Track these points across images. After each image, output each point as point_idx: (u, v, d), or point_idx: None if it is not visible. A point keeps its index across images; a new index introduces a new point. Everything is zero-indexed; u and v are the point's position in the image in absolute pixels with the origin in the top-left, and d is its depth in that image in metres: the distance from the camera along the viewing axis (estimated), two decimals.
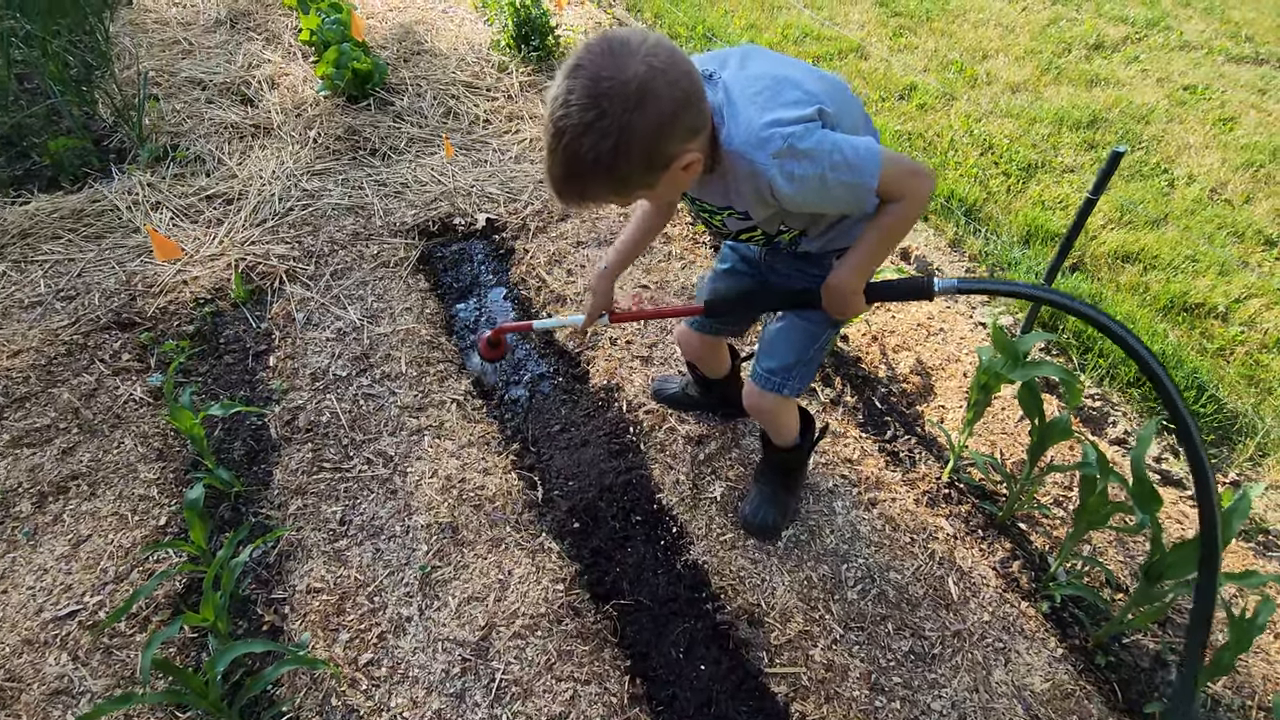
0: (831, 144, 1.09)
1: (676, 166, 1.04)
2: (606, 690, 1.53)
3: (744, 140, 1.09)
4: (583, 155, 0.97)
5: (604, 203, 1.13)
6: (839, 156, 1.09)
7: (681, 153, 1.04)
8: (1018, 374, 1.60)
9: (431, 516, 1.84)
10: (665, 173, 1.05)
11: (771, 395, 1.57)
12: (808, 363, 1.54)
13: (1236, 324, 2.51)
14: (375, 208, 2.88)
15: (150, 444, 2.00)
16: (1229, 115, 3.73)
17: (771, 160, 1.08)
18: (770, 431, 1.74)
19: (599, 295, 1.60)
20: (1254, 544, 1.88)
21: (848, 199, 1.16)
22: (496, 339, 1.72)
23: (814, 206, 1.19)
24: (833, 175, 1.10)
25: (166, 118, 3.26)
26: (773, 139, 1.07)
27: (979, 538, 1.86)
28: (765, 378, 1.56)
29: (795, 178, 1.10)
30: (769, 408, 1.61)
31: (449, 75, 3.71)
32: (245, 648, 1.24)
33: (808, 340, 1.52)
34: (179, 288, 2.49)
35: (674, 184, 1.10)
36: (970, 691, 1.56)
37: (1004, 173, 3.26)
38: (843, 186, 1.12)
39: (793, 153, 1.08)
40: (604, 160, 0.98)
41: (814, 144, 1.08)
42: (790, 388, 1.55)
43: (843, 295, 1.29)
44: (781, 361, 1.54)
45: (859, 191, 1.13)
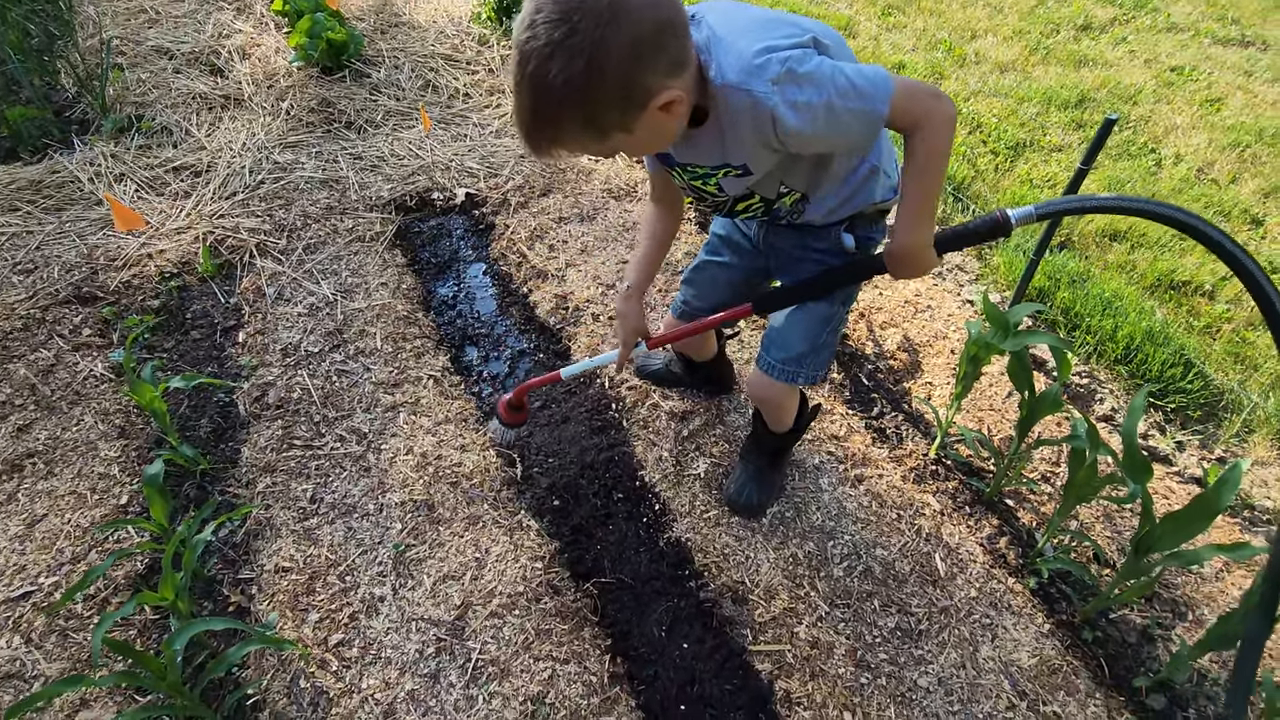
0: (832, 67, 1.00)
1: (655, 105, 0.95)
2: (586, 669, 1.49)
3: (738, 71, 0.99)
4: (551, 80, 0.88)
5: (578, 148, 1.01)
6: (843, 80, 1.00)
7: (661, 88, 0.94)
8: (1009, 344, 1.57)
9: (406, 494, 1.78)
10: (643, 113, 0.95)
11: (784, 386, 1.47)
12: (822, 348, 1.44)
13: (1223, 301, 2.50)
14: (350, 181, 2.79)
15: (111, 421, 1.92)
16: (1215, 96, 3.72)
17: (772, 88, 0.98)
18: (770, 419, 1.66)
19: (629, 320, 1.48)
20: (1240, 519, 1.87)
21: (860, 130, 1.04)
22: (519, 401, 1.60)
23: (824, 143, 1.08)
24: (841, 102, 0.99)
25: (131, 88, 3.14)
26: (769, 64, 0.98)
27: (966, 514, 1.83)
28: (779, 368, 1.45)
29: (800, 106, 0.99)
30: (777, 398, 1.53)
31: (428, 48, 3.60)
32: (203, 625, 1.18)
33: (820, 324, 1.41)
34: (143, 261, 2.39)
35: (656, 130, 1.00)
36: (957, 668, 1.53)
37: (992, 151, 3.23)
38: (852, 115, 1.01)
39: (793, 77, 0.98)
40: (575, 83, 0.88)
41: (814, 67, 0.99)
42: (805, 376, 1.45)
43: (912, 255, 1.16)
44: (795, 350, 1.43)
45: (870, 120, 1.02)
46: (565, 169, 2.96)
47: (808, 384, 1.47)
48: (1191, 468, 1.99)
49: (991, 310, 1.64)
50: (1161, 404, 2.16)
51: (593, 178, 2.91)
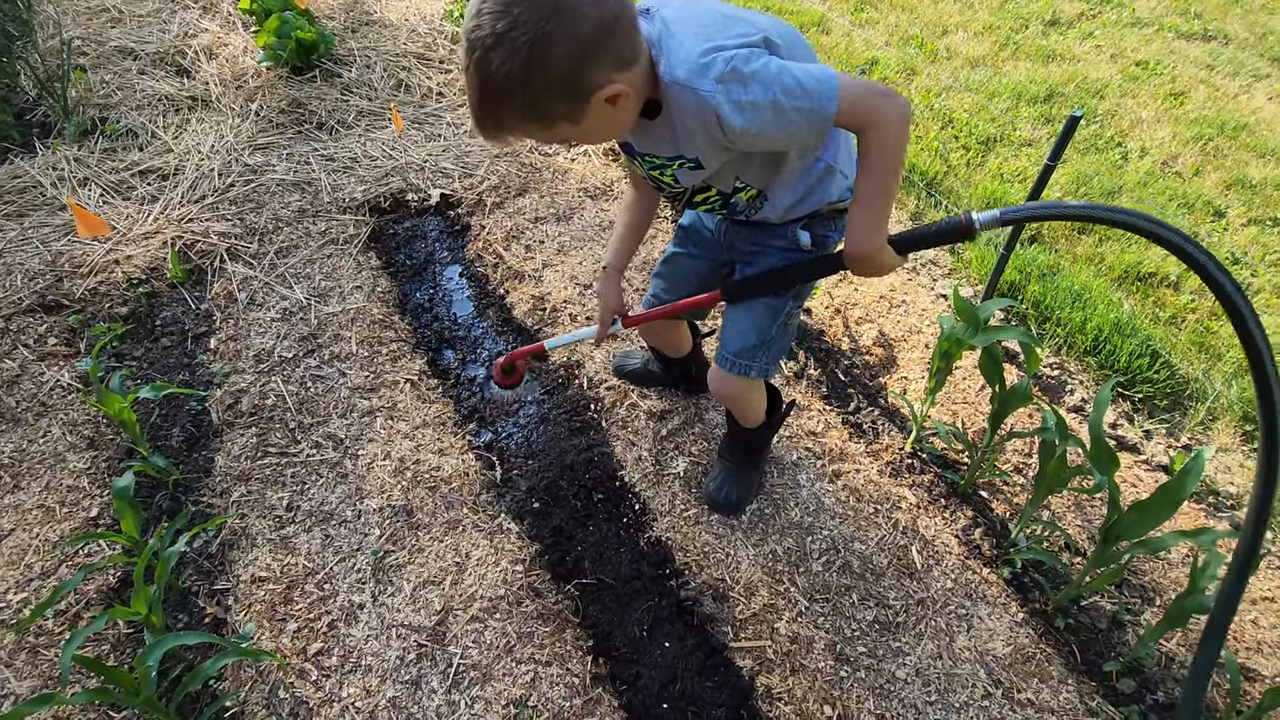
0: (779, 67, 1.01)
1: (600, 98, 0.96)
2: (568, 671, 1.49)
3: (685, 68, 1.00)
4: (494, 72, 0.90)
5: (524, 135, 1.03)
6: (790, 79, 1.00)
7: (605, 82, 0.95)
8: (979, 339, 1.59)
9: (384, 500, 1.77)
10: (587, 105, 0.96)
11: (737, 379, 1.49)
12: (772, 341, 1.46)
13: (1187, 292, 2.56)
14: (323, 183, 2.76)
15: (80, 432, 1.88)
16: (1179, 90, 3.80)
17: (717, 87, 0.99)
18: (737, 414, 1.68)
19: (607, 298, 1.49)
20: (1205, 505, 1.92)
21: (807, 129, 1.05)
22: (510, 365, 1.68)
23: (771, 141, 1.08)
24: (787, 101, 1.01)
25: (94, 89, 3.06)
26: (714, 63, 0.99)
27: (941, 506, 1.86)
28: (732, 361, 1.48)
29: (745, 105, 1.00)
30: (734, 393, 1.55)
31: (400, 46, 3.56)
32: (177, 640, 1.16)
33: (769, 317, 1.43)
34: (110, 268, 2.34)
35: (603, 122, 1.01)
36: (934, 658, 1.55)
37: (964, 146, 3.27)
38: (799, 113, 1.01)
39: (738, 76, 0.99)
40: (516, 76, 0.90)
41: (760, 67, 1.00)
42: (758, 369, 1.47)
43: (868, 257, 1.16)
44: (745, 343, 1.45)
45: (817, 119, 1.03)
46: (541, 169, 2.95)
47: (761, 377, 1.48)
48: (1159, 456, 2.04)
49: (962, 306, 1.66)
50: (1129, 394, 2.20)
51: (569, 177, 2.91)
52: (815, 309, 2.42)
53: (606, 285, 1.51)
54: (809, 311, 2.41)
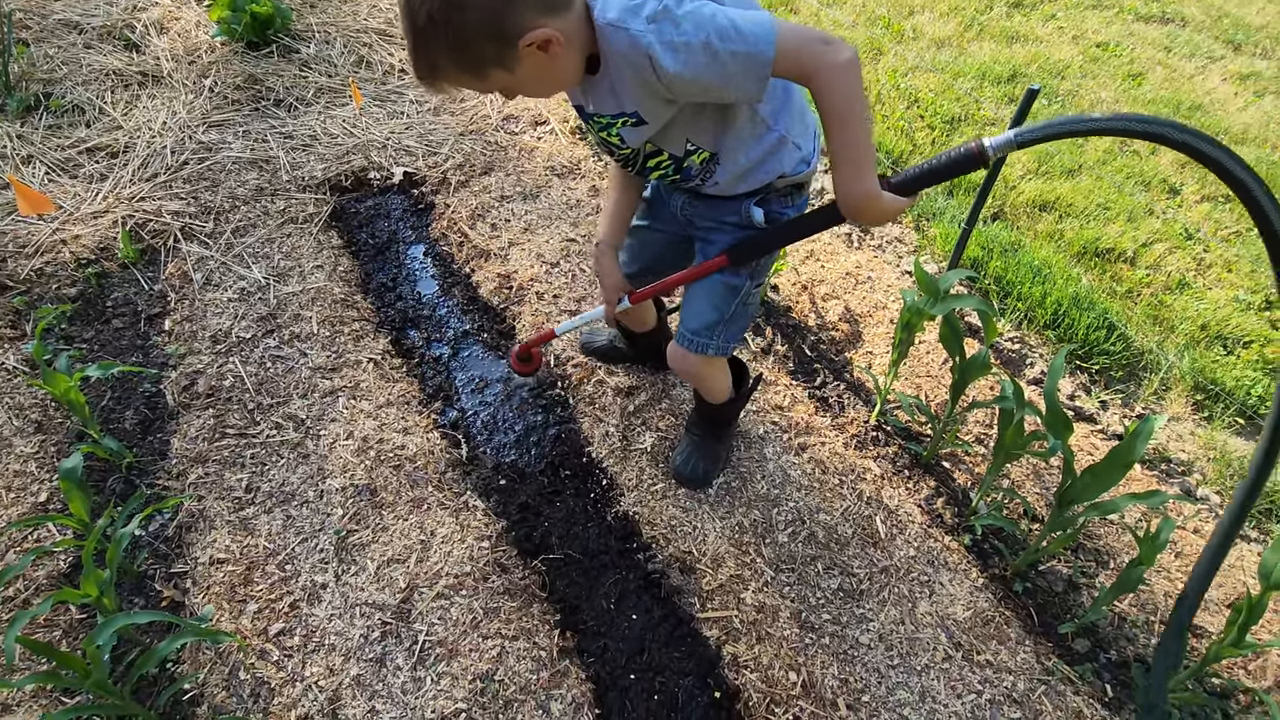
0: (713, 9, 0.99)
1: (526, 43, 0.95)
2: (535, 645, 1.49)
3: (617, 10, 0.99)
4: (418, 13, 0.91)
5: (460, 84, 1.02)
6: (724, 20, 0.98)
7: (532, 25, 0.94)
8: (938, 308, 1.61)
9: (347, 479, 1.74)
10: (517, 51, 0.96)
11: (696, 357, 1.49)
12: (731, 319, 1.45)
13: (1143, 267, 2.62)
14: (281, 161, 2.69)
15: (27, 416, 1.82)
16: (1137, 71, 3.87)
17: (648, 26, 0.97)
18: (701, 391, 1.68)
19: (609, 276, 1.47)
20: (1157, 471, 1.98)
21: (743, 74, 1.01)
22: (525, 353, 1.73)
23: (706, 88, 1.04)
24: (720, 44, 0.97)
25: (38, 64, 2.94)
26: (645, 3, 0.98)
27: (905, 477, 1.89)
28: (689, 339, 1.48)
29: (678, 46, 0.98)
30: (694, 369, 1.54)
31: (360, 22, 3.47)
32: (128, 619, 1.13)
33: (728, 296, 1.43)
34: (57, 248, 2.26)
35: (540, 71, 1.00)
36: (897, 624, 1.58)
37: (929, 125, 3.30)
38: (734, 57, 0.98)
39: (669, 15, 0.97)
40: (438, 19, 0.90)
41: (693, 8, 0.98)
42: (715, 346, 1.47)
43: (860, 207, 1.11)
44: (703, 320, 1.45)
45: (754, 63, 0.99)
46: (506, 147, 2.91)
47: (719, 355, 1.48)
48: (1114, 425, 2.09)
49: (923, 276, 1.68)
50: (1086, 365, 2.25)
51: (535, 156, 2.87)
52: (782, 286, 2.43)
53: (605, 263, 1.48)
54: (776, 288, 2.42)
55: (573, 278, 2.33)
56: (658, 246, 1.56)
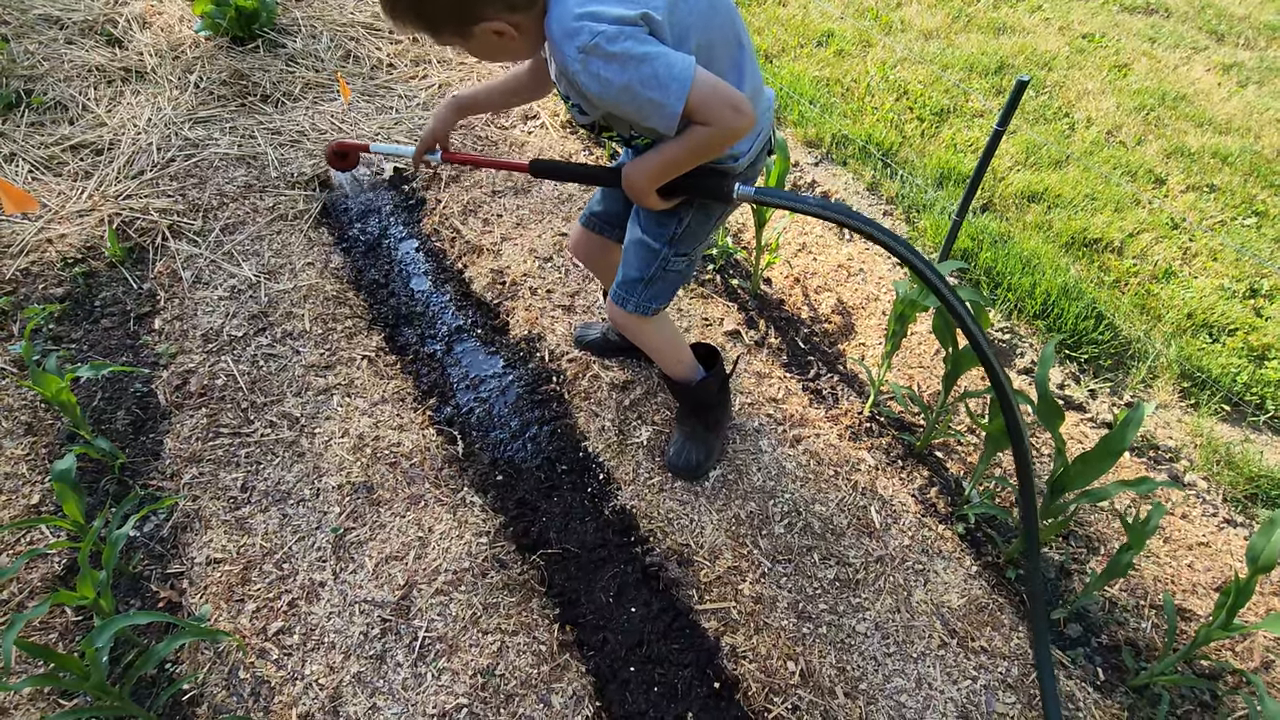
0: (643, 54, 1.04)
1: (486, 29, 1.05)
2: (535, 639, 1.50)
3: (559, 28, 1.06)
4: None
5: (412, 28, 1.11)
6: (648, 69, 1.05)
7: (492, 16, 1.05)
8: (931, 300, 1.62)
9: (344, 477, 1.74)
10: (474, 28, 1.06)
11: (618, 309, 1.54)
12: (651, 282, 1.50)
13: (1130, 257, 2.65)
14: (269, 158, 2.66)
15: (16, 417, 1.80)
16: (1123, 62, 3.90)
17: (578, 55, 1.05)
18: (649, 355, 1.71)
19: (437, 124, 1.49)
20: (1146, 459, 2.01)
21: (654, 118, 1.10)
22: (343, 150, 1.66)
23: (622, 114, 1.15)
24: (640, 89, 1.06)
25: (18, 60, 2.89)
26: (581, 32, 1.04)
27: (899, 467, 1.90)
28: (615, 289, 1.54)
29: (600, 79, 1.07)
30: (620, 322, 1.59)
31: (346, 16, 3.44)
32: (126, 620, 1.13)
33: (649, 257, 1.47)
34: (43, 247, 2.23)
35: (490, 47, 1.11)
36: (892, 612, 1.60)
37: (918, 117, 3.31)
38: (650, 104, 1.07)
39: (599, 52, 1.04)
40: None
41: (623, 49, 1.04)
42: (634, 304, 1.52)
43: (634, 188, 1.29)
44: (627, 275, 1.51)
45: (664, 111, 1.08)
46: (498, 142, 2.89)
47: (638, 313, 1.53)
48: (1103, 414, 2.12)
49: None
50: (1075, 355, 2.28)
51: (526, 150, 2.86)
52: (775, 279, 2.44)
53: (443, 111, 1.49)
54: (769, 281, 2.43)
55: (566, 272, 2.33)
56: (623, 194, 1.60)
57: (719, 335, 2.18)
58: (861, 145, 3.06)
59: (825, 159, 3.07)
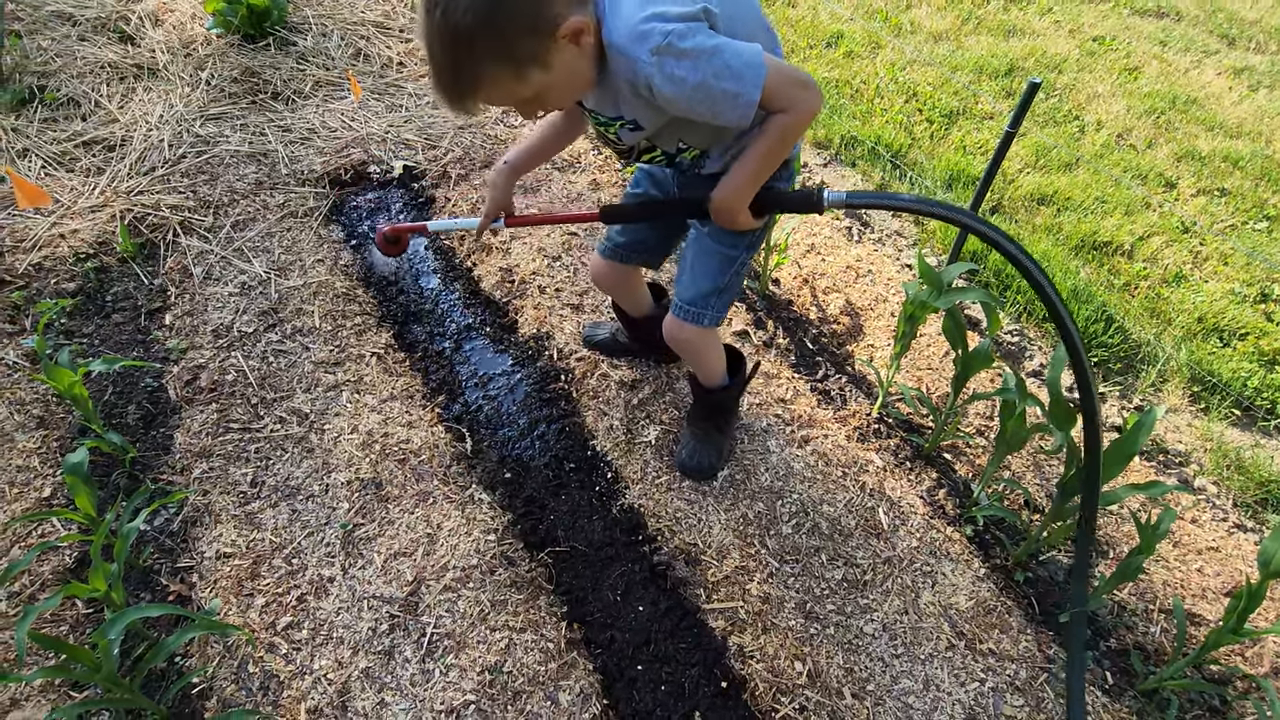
0: (714, 46, 1.03)
1: (564, 34, 0.99)
2: (543, 637, 1.50)
3: (624, 34, 1.03)
4: (461, 18, 0.92)
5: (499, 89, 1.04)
6: (720, 61, 1.03)
7: (567, 15, 0.98)
8: (942, 301, 1.62)
9: (353, 473, 1.74)
10: (554, 42, 1.00)
11: (691, 327, 1.51)
12: (724, 289, 1.49)
13: (1140, 260, 2.64)
14: (280, 155, 2.67)
15: (28, 411, 1.81)
16: (1134, 65, 3.88)
17: (651, 58, 1.02)
18: (694, 367, 1.70)
19: (497, 192, 1.49)
20: (1155, 462, 2.00)
21: (731, 110, 1.08)
22: (395, 235, 1.64)
23: (697, 114, 1.11)
24: (716, 83, 1.04)
25: (31, 56, 2.91)
26: (652, 34, 1.01)
27: (907, 469, 1.90)
28: (684, 309, 1.50)
29: (675, 79, 1.04)
30: (688, 339, 1.56)
31: (357, 14, 3.45)
32: (138, 612, 1.13)
33: (724, 265, 1.46)
34: (55, 242, 2.25)
35: (571, 67, 1.04)
36: (900, 613, 1.60)
37: (927, 119, 3.30)
38: (726, 96, 1.05)
39: (673, 51, 1.01)
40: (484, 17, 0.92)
41: (696, 44, 1.02)
42: (709, 317, 1.50)
43: (728, 210, 1.25)
44: (698, 290, 1.48)
45: (741, 103, 1.06)
46: (506, 141, 2.90)
47: (712, 325, 1.52)
48: (1113, 417, 2.11)
49: (926, 270, 1.69)
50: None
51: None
52: (784, 280, 2.44)
53: (499, 179, 1.48)
54: (777, 282, 2.43)
55: (574, 271, 2.33)
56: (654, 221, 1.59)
57: (727, 336, 2.18)
58: (870, 147, 3.06)
59: (834, 160, 3.07)
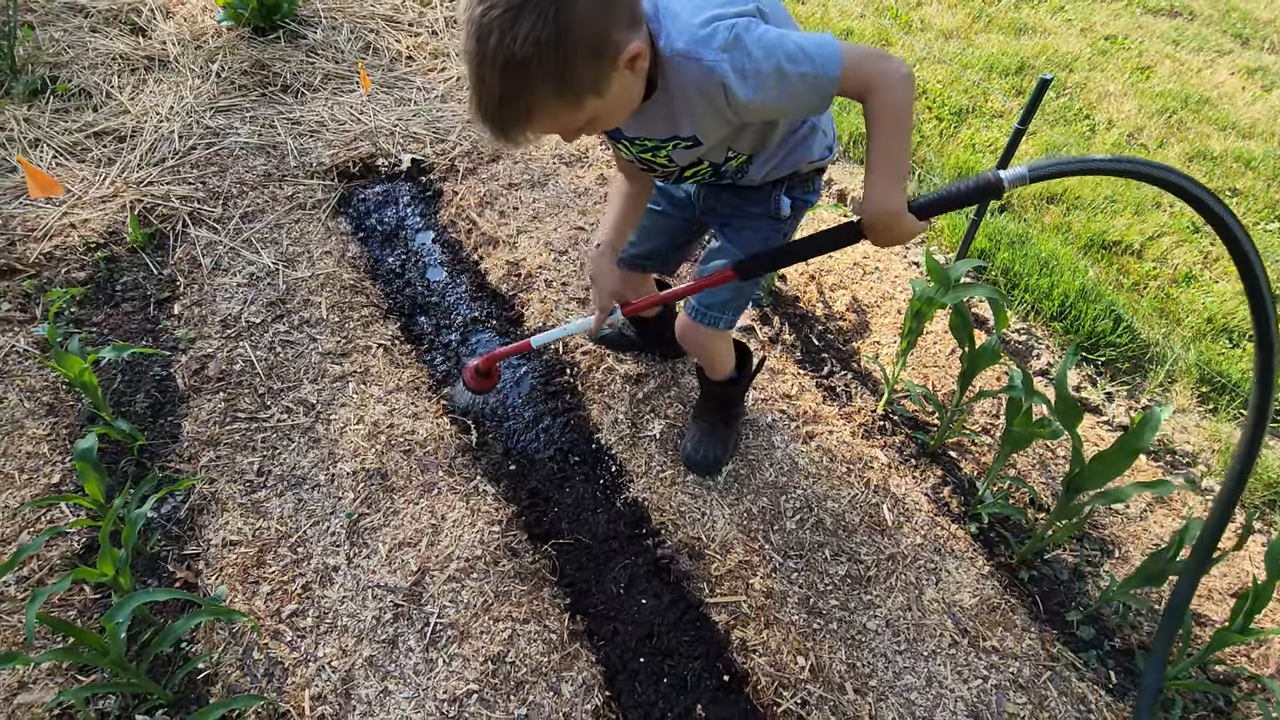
0: (779, 34, 1.00)
1: (624, 60, 0.93)
2: (546, 628, 1.50)
3: (686, 39, 0.98)
4: (520, 47, 0.84)
5: (550, 122, 0.96)
6: (792, 45, 0.99)
7: (627, 40, 0.92)
8: (949, 297, 1.62)
9: (358, 464, 1.75)
10: (614, 70, 0.93)
11: (706, 330, 1.51)
12: (743, 293, 1.49)
13: (1150, 260, 2.62)
14: (289, 147, 2.68)
15: (39, 398, 1.83)
16: (1146, 64, 3.86)
17: (721, 55, 0.97)
18: (705, 365, 1.70)
19: (605, 282, 1.39)
20: (1163, 463, 1.99)
21: (811, 96, 1.02)
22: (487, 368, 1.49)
23: (775, 110, 1.06)
24: (791, 68, 0.98)
25: (43, 48, 2.93)
26: (716, 32, 0.97)
27: (912, 466, 1.90)
28: (702, 312, 1.49)
29: (749, 74, 0.98)
30: (704, 342, 1.56)
31: (367, 8, 3.46)
32: (146, 596, 1.14)
33: None
34: (66, 231, 2.26)
35: (624, 92, 0.98)
36: (903, 610, 1.60)
37: (937, 117, 3.29)
38: (803, 80, 0.99)
39: (740, 45, 0.97)
40: (547, 42, 0.84)
41: (761, 34, 0.98)
42: (726, 321, 1.50)
43: (887, 223, 1.09)
44: (716, 296, 1.47)
45: (822, 85, 1.00)
46: None
47: (728, 328, 1.51)
48: (1120, 416, 2.10)
49: (934, 266, 1.68)
50: (1092, 358, 2.26)
51: (542, 144, 2.86)
52: (791, 276, 2.44)
53: (602, 266, 1.39)
54: (784, 278, 2.43)
55: (581, 265, 2.33)
56: (667, 231, 1.58)
57: (734, 331, 2.18)
58: None
59: (843, 157, 3.06)
